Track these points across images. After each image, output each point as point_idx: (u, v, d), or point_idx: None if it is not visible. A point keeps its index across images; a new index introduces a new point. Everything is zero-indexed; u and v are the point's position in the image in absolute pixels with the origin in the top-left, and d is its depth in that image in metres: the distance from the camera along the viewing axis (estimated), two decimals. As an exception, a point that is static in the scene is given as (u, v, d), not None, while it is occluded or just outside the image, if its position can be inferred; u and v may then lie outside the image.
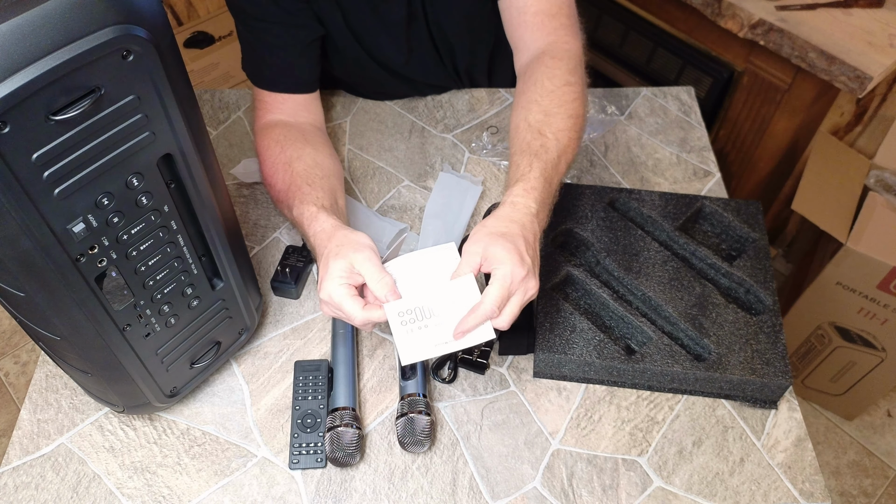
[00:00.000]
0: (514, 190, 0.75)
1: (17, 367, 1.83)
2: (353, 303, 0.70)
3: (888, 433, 1.71)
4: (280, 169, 0.87)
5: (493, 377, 0.85)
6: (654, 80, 1.66)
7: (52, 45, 0.46)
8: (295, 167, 0.86)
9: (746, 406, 0.83)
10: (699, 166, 1.08)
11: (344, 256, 0.71)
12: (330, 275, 0.70)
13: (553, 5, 0.88)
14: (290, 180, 0.84)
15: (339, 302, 0.70)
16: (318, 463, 0.77)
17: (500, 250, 0.68)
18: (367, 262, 0.70)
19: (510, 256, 0.68)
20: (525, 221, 0.72)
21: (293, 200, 0.82)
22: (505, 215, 0.73)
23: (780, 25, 1.32)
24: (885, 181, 1.42)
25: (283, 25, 0.90)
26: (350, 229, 0.76)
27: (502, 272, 0.68)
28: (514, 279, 0.68)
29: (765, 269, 0.89)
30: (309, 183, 0.83)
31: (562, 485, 0.77)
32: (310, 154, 0.88)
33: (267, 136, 0.91)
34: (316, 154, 0.89)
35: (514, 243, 0.69)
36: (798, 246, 1.73)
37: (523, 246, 0.70)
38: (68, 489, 0.76)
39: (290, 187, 0.84)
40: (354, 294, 0.70)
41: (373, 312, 0.69)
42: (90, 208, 0.55)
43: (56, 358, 0.71)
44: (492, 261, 0.69)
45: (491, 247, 0.69)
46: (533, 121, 0.81)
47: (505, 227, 0.71)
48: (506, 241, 0.69)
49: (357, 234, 0.74)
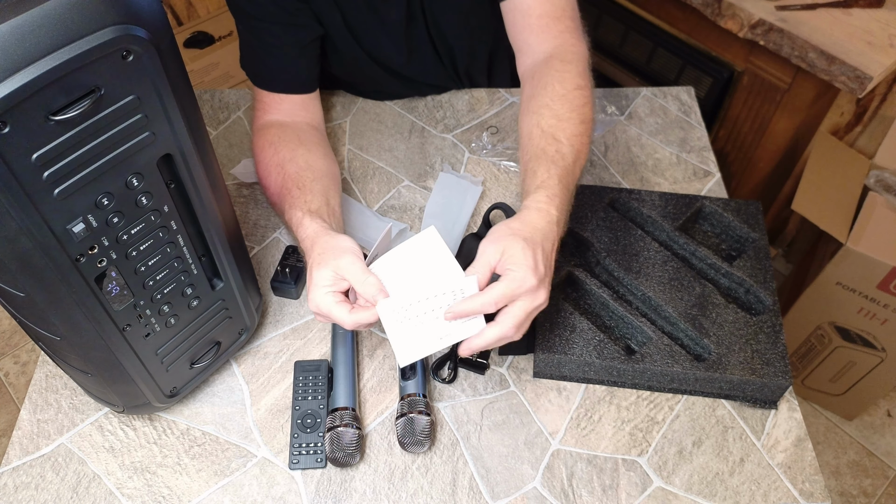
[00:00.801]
0: (537, 196, 0.74)
1: (17, 367, 1.83)
2: (340, 309, 0.69)
3: (888, 433, 1.71)
4: (273, 171, 0.87)
5: (493, 377, 0.85)
6: (654, 80, 1.66)
7: (51, 46, 0.46)
8: (287, 169, 0.86)
9: (746, 406, 0.83)
10: (699, 166, 1.08)
11: (326, 265, 0.70)
12: (315, 285, 0.70)
13: (557, 8, 0.88)
14: (282, 183, 0.85)
15: (328, 310, 0.70)
16: (318, 463, 0.77)
17: (518, 252, 0.68)
18: (350, 267, 0.70)
19: (526, 262, 0.67)
20: (547, 231, 0.72)
21: (284, 204, 0.83)
22: (529, 220, 0.72)
23: (780, 25, 1.32)
24: (885, 181, 1.42)
25: (282, 25, 0.90)
26: (332, 234, 0.75)
27: (514, 275, 0.67)
28: (523, 285, 0.67)
29: (765, 269, 0.89)
30: (299, 186, 0.83)
31: (562, 485, 0.77)
32: (302, 156, 0.88)
33: (262, 138, 0.91)
34: (309, 155, 0.89)
35: (532, 250, 0.68)
36: (798, 246, 1.73)
37: (541, 256, 0.69)
38: (68, 489, 0.76)
39: (282, 190, 0.84)
40: (341, 300, 0.70)
41: (361, 315, 0.69)
42: (90, 208, 0.55)
43: (56, 358, 0.71)
44: (507, 262, 0.68)
45: (510, 248, 0.68)
46: (546, 126, 0.80)
47: (528, 233, 0.70)
48: (526, 246, 0.68)
49: (338, 239, 0.73)
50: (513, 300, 0.68)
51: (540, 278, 0.68)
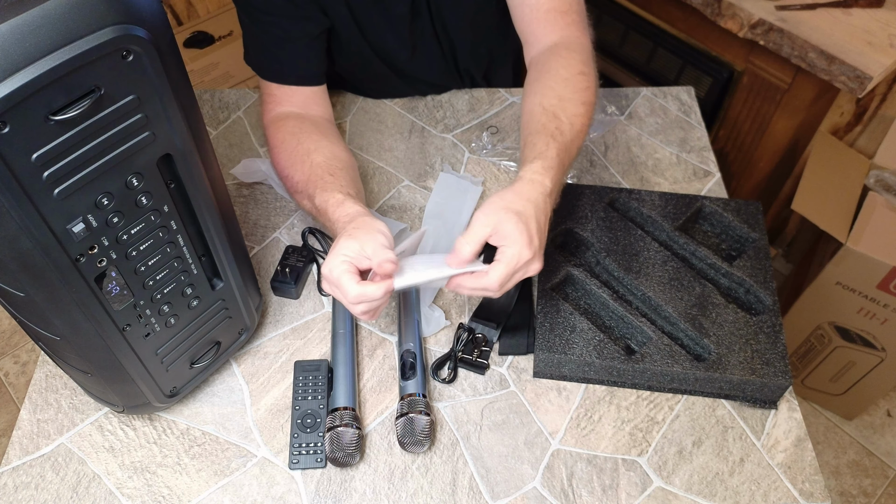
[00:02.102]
0: (532, 166, 0.75)
1: (17, 367, 1.83)
2: (349, 279, 0.70)
3: (888, 433, 1.71)
4: (298, 160, 0.87)
5: (493, 377, 0.85)
6: (654, 80, 1.66)
7: (51, 45, 0.46)
8: (314, 158, 0.86)
9: (746, 406, 0.83)
10: (699, 166, 1.08)
11: (356, 238, 0.71)
12: (336, 251, 0.71)
13: (564, 3, 0.90)
14: (311, 171, 0.85)
15: (338, 277, 0.70)
16: (317, 463, 0.77)
17: (512, 229, 0.69)
18: (378, 245, 0.71)
19: (521, 238, 0.69)
20: (539, 201, 0.73)
21: (314, 189, 0.83)
22: (522, 192, 0.73)
23: (779, 25, 1.32)
24: (885, 181, 1.42)
25: (290, 18, 0.91)
26: (373, 217, 0.76)
27: (511, 253, 0.69)
28: (520, 260, 0.69)
29: (765, 269, 0.89)
30: (331, 173, 0.84)
31: (562, 485, 0.77)
32: (327, 146, 0.89)
33: (281, 129, 0.92)
34: (332, 146, 0.90)
35: (526, 224, 0.70)
36: (798, 246, 1.73)
37: (535, 228, 0.71)
38: (68, 489, 0.76)
39: (311, 177, 0.85)
40: (354, 272, 0.71)
41: (367, 287, 0.70)
42: (90, 208, 0.55)
43: (56, 358, 0.71)
44: (502, 237, 0.70)
45: (504, 223, 0.69)
46: (548, 104, 0.82)
47: (521, 206, 0.71)
48: (519, 221, 0.70)
49: (377, 223, 0.74)
50: (512, 275, 0.70)
51: (534, 251, 0.70)
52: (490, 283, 0.69)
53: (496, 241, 0.70)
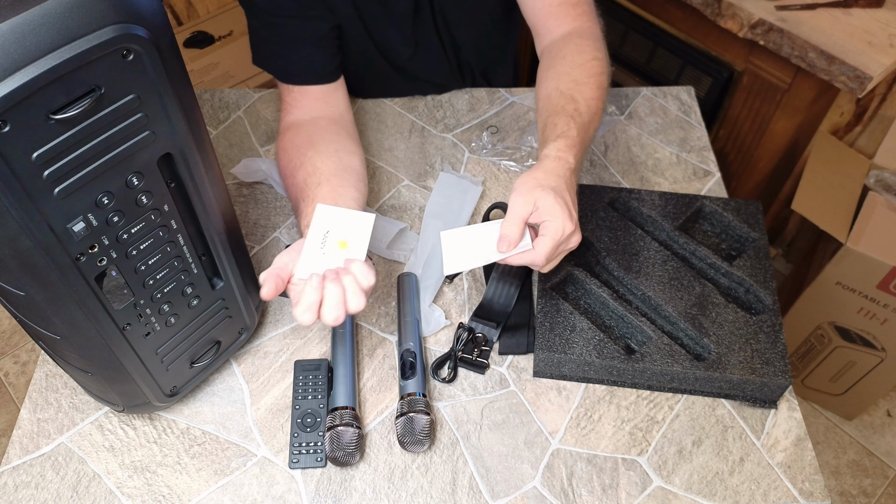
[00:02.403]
0: (556, 144, 0.77)
1: (17, 367, 1.83)
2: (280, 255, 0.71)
3: (888, 433, 1.71)
4: (288, 183, 0.89)
5: (493, 377, 0.85)
6: (654, 79, 1.66)
7: (51, 45, 0.46)
8: (297, 179, 0.86)
9: (746, 406, 0.83)
10: (699, 166, 1.08)
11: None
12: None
13: None
14: (295, 194, 0.86)
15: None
16: (317, 462, 0.77)
17: (552, 203, 0.71)
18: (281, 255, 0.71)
19: (562, 211, 0.70)
20: (568, 176, 0.75)
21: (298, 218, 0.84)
22: (551, 169, 0.75)
23: (779, 25, 1.32)
24: (885, 181, 1.42)
25: (298, 18, 0.91)
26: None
27: (554, 226, 0.71)
28: (564, 233, 0.71)
29: (765, 268, 0.89)
30: (303, 199, 0.83)
31: (561, 484, 0.77)
32: (310, 160, 0.87)
33: (279, 144, 0.94)
34: (316, 158, 0.88)
35: (563, 198, 0.72)
36: (798, 246, 1.73)
37: (570, 201, 0.72)
38: (68, 488, 0.76)
39: (295, 202, 0.86)
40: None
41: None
42: (90, 207, 0.55)
43: (56, 357, 0.71)
44: (542, 213, 0.71)
45: (542, 199, 0.71)
46: (564, 88, 0.83)
47: (554, 181, 0.73)
48: (557, 196, 0.71)
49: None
50: (557, 249, 0.72)
51: (575, 223, 0.72)
52: (537, 258, 0.71)
53: (536, 217, 0.72)
